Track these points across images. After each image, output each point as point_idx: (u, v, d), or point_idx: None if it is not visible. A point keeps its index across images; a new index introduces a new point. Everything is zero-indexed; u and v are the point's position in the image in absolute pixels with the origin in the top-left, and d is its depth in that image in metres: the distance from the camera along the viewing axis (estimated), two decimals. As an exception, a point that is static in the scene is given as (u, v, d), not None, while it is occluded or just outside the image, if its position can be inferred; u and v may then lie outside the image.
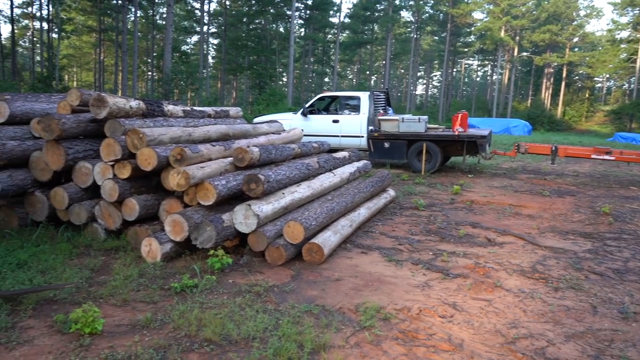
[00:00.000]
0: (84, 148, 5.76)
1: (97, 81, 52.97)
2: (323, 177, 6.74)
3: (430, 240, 6.15)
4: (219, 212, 5.17)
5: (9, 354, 3.10)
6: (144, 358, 3.02)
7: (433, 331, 3.57)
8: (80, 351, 3.13)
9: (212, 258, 4.64)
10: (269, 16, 45.71)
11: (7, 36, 49.65)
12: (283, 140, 7.89)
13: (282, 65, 48.72)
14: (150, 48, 49.58)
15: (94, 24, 48.34)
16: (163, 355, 3.09)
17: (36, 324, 3.55)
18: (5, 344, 3.20)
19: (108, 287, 4.19)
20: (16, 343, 3.22)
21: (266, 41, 45.74)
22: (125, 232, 5.52)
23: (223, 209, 5.30)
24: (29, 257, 4.85)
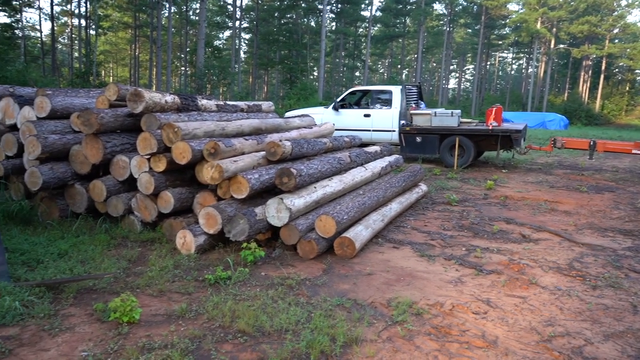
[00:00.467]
0: (121, 142, 5.90)
1: (132, 76, 54.14)
2: (354, 171, 6.73)
3: (463, 236, 6.07)
4: (252, 205, 5.23)
5: (52, 340, 3.22)
6: (180, 347, 3.09)
7: (466, 327, 3.53)
8: (119, 339, 3.22)
9: (245, 251, 4.70)
10: (300, 10, 45.73)
11: (47, 33, 51.22)
12: (315, 134, 7.90)
13: (313, 59, 48.70)
14: (184, 43, 50.34)
15: (129, 20, 49.39)
16: (198, 345, 3.15)
17: (77, 311, 3.67)
18: (49, 331, 3.33)
19: (144, 278, 4.30)
20: (58, 330, 3.34)
21: (297, 35, 45.83)
22: (161, 225, 5.64)
23: (255, 202, 5.36)
24: (69, 248, 5.02)
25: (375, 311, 3.76)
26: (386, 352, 3.13)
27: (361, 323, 3.51)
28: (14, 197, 6.45)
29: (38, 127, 6.22)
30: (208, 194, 5.56)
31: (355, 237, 5.02)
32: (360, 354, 3.09)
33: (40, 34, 46.91)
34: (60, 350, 3.09)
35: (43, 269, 4.45)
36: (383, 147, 8.48)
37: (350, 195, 6.25)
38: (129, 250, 5.07)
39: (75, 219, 5.91)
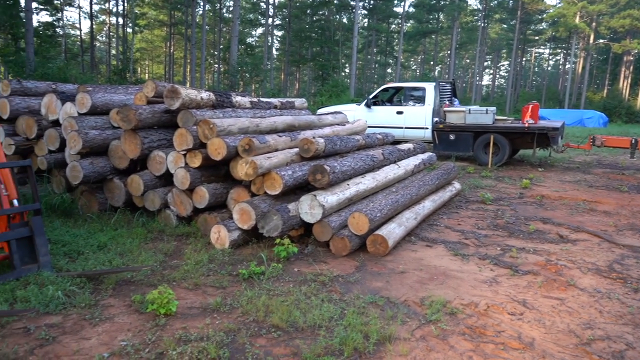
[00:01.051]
0: (158, 137, 6.03)
1: (167, 73, 55.14)
2: (387, 168, 6.69)
3: (497, 235, 5.97)
4: (285, 201, 5.27)
5: (93, 329, 3.32)
6: (215, 340, 3.14)
7: (502, 328, 3.47)
8: (156, 330, 3.30)
9: (278, 247, 4.74)
10: (333, 7, 45.64)
11: (87, 31, 52.63)
12: (347, 131, 7.89)
13: (345, 56, 48.57)
14: (217, 41, 50.95)
15: (165, 18, 50.31)
16: (233, 338, 3.20)
17: (116, 302, 3.78)
18: (89, 320, 3.44)
19: (180, 271, 4.39)
20: (99, 319, 3.45)
21: (329, 32, 45.77)
22: (196, 219, 5.74)
23: (289, 198, 5.39)
24: (108, 240, 5.16)
25: (408, 309, 3.74)
26: (420, 351, 3.11)
27: (394, 321, 3.50)
28: (56, 191, 6.68)
29: (79, 123, 6.42)
30: (242, 190, 5.62)
31: (388, 235, 5.00)
32: (394, 352, 3.08)
33: (79, 32, 48.31)
34: (101, 339, 3.19)
35: (83, 260, 4.60)
36: (416, 144, 8.40)
37: (383, 192, 6.22)
38: (165, 244, 5.19)
39: (114, 213, 6.08)
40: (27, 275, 4.06)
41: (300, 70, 60.13)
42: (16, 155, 7.03)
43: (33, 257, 4.23)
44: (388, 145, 8.14)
